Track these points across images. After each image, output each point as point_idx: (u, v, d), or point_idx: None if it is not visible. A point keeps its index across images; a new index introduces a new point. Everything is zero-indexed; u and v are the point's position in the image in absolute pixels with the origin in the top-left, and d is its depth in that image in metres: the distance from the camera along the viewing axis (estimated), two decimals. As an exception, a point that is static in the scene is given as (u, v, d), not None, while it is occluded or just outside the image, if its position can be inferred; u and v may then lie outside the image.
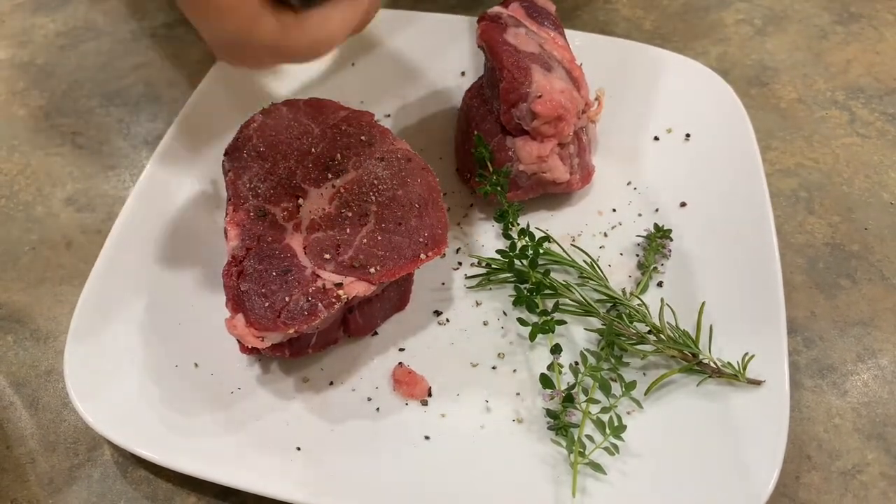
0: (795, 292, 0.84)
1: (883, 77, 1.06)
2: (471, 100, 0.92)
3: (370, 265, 0.71)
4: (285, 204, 0.75)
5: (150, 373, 0.74)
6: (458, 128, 0.95)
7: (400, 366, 0.76)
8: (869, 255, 0.87)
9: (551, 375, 0.72)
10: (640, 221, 0.87)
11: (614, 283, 0.81)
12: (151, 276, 0.81)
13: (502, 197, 0.83)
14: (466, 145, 0.89)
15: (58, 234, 0.92)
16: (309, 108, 0.84)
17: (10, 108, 1.07)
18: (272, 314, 0.67)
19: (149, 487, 0.71)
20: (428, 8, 1.09)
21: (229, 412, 0.72)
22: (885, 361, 0.79)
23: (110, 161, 1.00)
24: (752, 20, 1.16)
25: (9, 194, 0.96)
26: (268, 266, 0.70)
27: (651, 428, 0.70)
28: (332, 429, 0.72)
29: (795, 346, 0.79)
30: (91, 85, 1.09)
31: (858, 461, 0.72)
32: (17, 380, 0.79)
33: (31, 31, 1.17)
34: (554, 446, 0.70)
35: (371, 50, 1.05)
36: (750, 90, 1.05)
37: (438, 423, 0.72)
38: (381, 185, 0.76)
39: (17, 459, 0.73)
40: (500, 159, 0.85)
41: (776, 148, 0.98)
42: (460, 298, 0.82)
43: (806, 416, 0.75)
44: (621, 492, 0.66)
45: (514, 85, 0.81)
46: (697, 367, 0.72)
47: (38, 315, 0.84)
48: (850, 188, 0.94)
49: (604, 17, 1.16)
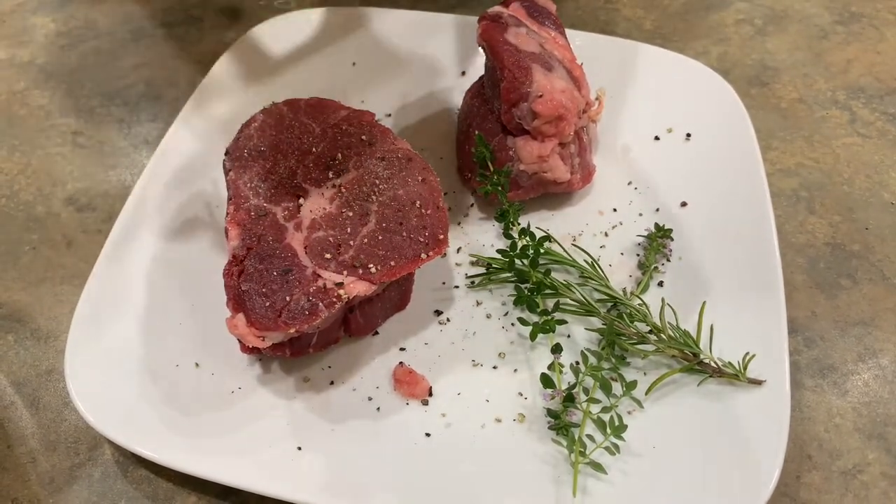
0: (796, 292, 0.84)
1: (884, 77, 1.06)
2: (471, 99, 0.92)
3: (371, 265, 0.71)
4: (286, 203, 0.75)
5: (151, 372, 0.74)
6: (458, 128, 0.95)
7: (401, 365, 0.76)
8: (869, 255, 0.87)
9: (552, 375, 0.72)
10: (641, 221, 0.87)
11: (615, 282, 0.81)
12: (152, 276, 0.81)
13: (503, 197, 0.83)
14: (467, 145, 0.89)
15: (58, 233, 0.92)
16: (310, 107, 0.84)
17: (11, 107, 1.07)
18: (273, 314, 0.67)
19: (149, 487, 0.71)
20: (428, 8, 1.09)
21: (230, 412, 0.72)
22: (885, 361, 0.79)
23: (111, 160, 1.00)
24: (752, 20, 1.16)
25: (9, 194, 0.96)
26: (268, 266, 0.70)
27: (652, 428, 0.70)
28: (332, 428, 0.72)
29: (796, 346, 0.79)
30: (91, 84, 1.09)
31: (859, 461, 0.72)
32: (18, 379, 0.79)
33: (32, 31, 1.17)
34: (555, 446, 0.70)
35: (371, 50, 1.05)
36: (750, 90, 1.05)
37: (439, 423, 0.72)
38: (381, 185, 0.76)
39: (18, 459, 0.73)
40: (501, 159, 0.85)
41: (777, 148, 0.98)
42: (461, 298, 0.82)
43: (807, 416, 0.75)
44: (622, 491, 0.66)
45: (514, 84, 0.81)
46: (698, 367, 0.72)
47: (38, 314, 0.84)
48: (851, 188, 0.94)
49: (604, 17, 1.17)
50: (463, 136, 0.92)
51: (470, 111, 0.91)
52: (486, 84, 0.91)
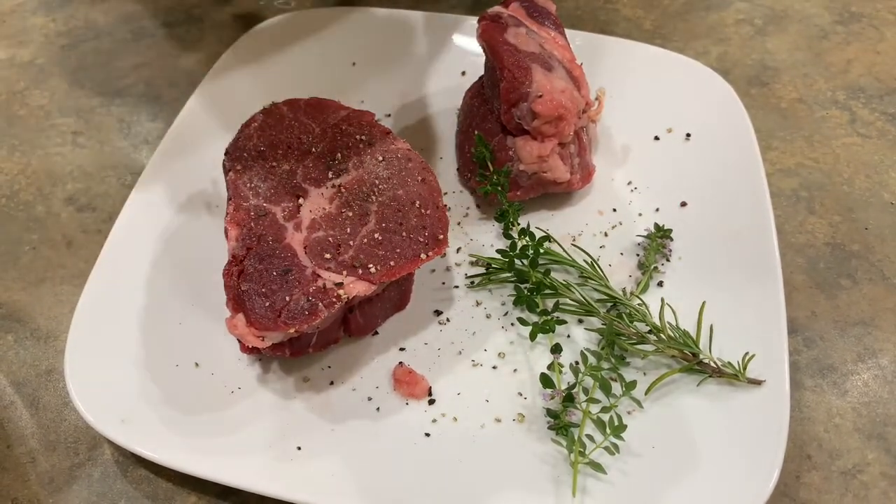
0: (796, 292, 0.84)
1: (883, 77, 1.06)
2: (471, 99, 0.92)
3: (370, 265, 0.71)
4: (286, 203, 0.75)
5: (151, 372, 0.74)
6: (458, 128, 0.95)
7: (400, 365, 0.76)
8: (869, 255, 0.87)
9: (551, 375, 0.72)
10: (641, 221, 0.87)
11: (615, 282, 0.81)
12: (152, 276, 0.81)
13: (503, 197, 0.83)
14: (467, 145, 0.89)
15: (58, 233, 0.92)
16: (309, 107, 0.84)
17: (11, 107, 1.07)
18: (273, 314, 0.67)
19: (149, 487, 0.71)
20: (428, 8, 1.09)
21: (230, 411, 0.72)
22: (885, 361, 0.79)
23: (111, 161, 1.00)
24: (752, 20, 1.16)
25: (9, 194, 0.96)
26: (268, 266, 0.70)
27: (651, 428, 0.70)
28: (332, 428, 0.72)
29: (796, 346, 0.79)
30: (91, 84, 1.09)
31: (859, 461, 0.72)
32: (18, 379, 0.79)
33: (32, 31, 1.17)
34: (554, 446, 0.70)
35: (371, 50, 1.05)
36: (750, 90, 1.05)
37: (439, 423, 0.72)
38: (381, 185, 0.76)
39: (18, 459, 0.73)
40: (501, 159, 0.85)
41: (777, 148, 0.98)
42: (461, 298, 0.82)
43: (806, 416, 0.75)
44: (621, 491, 0.66)
45: (514, 84, 0.81)
46: (698, 367, 0.72)
47: (38, 314, 0.84)
48: (851, 188, 0.94)
49: (604, 17, 1.17)
50: (463, 136, 0.92)
51: (470, 111, 0.91)
52: (486, 84, 0.91)
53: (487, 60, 0.88)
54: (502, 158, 0.85)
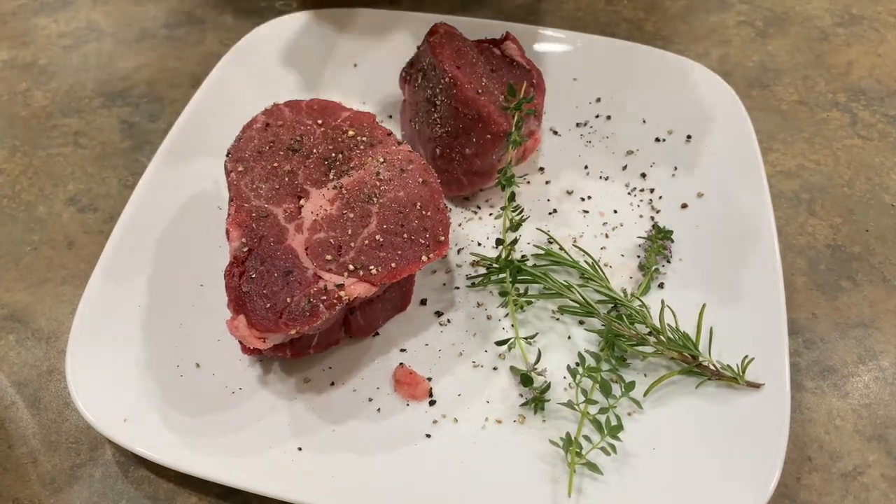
0: (796, 294, 0.84)
1: (884, 79, 1.06)
2: (410, 123, 0.92)
3: (372, 266, 0.71)
4: (287, 205, 0.76)
5: (152, 373, 0.74)
6: (427, 154, 0.91)
7: (401, 366, 0.76)
8: (870, 257, 0.87)
9: (530, 372, 0.72)
10: (641, 223, 0.87)
11: (615, 283, 0.81)
12: (153, 277, 0.81)
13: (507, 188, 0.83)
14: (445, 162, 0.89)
15: (60, 234, 0.92)
16: (311, 109, 0.84)
17: (13, 108, 1.07)
18: (274, 315, 0.67)
19: (150, 487, 0.71)
20: (428, 9, 1.09)
21: (231, 412, 0.72)
22: (886, 363, 0.79)
23: (112, 161, 1.00)
24: (753, 22, 1.16)
25: (11, 194, 0.96)
26: (269, 267, 0.70)
27: (651, 429, 0.70)
28: (333, 429, 0.72)
29: (796, 348, 0.79)
30: (93, 85, 1.09)
31: (859, 463, 0.72)
32: (19, 379, 0.79)
33: (34, 32, 1.17)
34: (554, 446, 0.70)
35: (372, 51, 1.05)
36: (751, 92, 1.05)
37: (439, 424, 0.72)
38: (382, 187, 0.76)
39: (19, 459, 0.74)
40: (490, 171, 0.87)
41: (777, 149, 0.98)
42: (461, 299, 0.82)
43: (807, 418, 0.75)
44: (621, 492, 0.66)
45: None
46: (697, 369, 0.72)
47: (39, 315, 0.84)
48: (852, 190, 0.94)
49: (605, 19, 1.17)
50: (442, 157, 0.89)
51: (420, 139, 0.91)
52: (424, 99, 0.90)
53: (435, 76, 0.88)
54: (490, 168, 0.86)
